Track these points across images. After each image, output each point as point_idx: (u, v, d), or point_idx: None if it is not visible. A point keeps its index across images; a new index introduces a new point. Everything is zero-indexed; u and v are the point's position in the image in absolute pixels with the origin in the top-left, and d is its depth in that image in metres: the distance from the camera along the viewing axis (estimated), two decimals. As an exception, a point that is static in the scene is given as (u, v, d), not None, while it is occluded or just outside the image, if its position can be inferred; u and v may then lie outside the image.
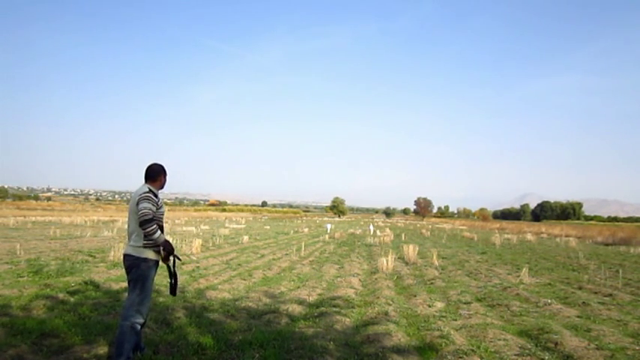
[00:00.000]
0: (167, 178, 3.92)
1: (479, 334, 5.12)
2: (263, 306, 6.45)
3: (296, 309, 6.22)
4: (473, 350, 4.49)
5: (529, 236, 30.39)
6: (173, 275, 3.87)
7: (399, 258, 13.45)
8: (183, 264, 10.11)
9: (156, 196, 3.77)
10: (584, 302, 7.21)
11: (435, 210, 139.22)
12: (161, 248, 3.73)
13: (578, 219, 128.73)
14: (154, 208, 3.66)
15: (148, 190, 3.72)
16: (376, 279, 9.46)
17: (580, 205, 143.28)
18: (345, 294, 7.54)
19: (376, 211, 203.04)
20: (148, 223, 3.56)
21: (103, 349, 4.05)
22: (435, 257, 13.01)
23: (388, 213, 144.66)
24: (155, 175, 3.86)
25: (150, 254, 3.67)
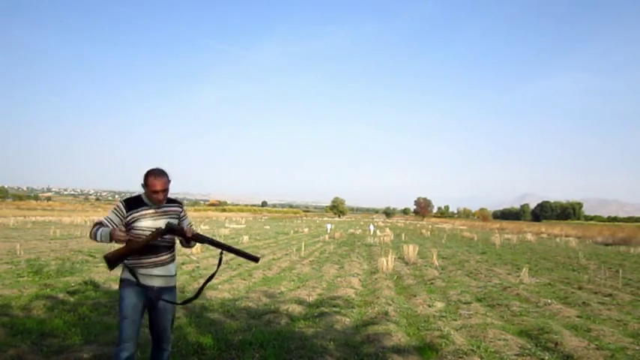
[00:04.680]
0: (154, 183, 2.97)
1: (479, 334, 5.12)
2: (263, 306, 6.44)
3: (296, 309, 6.21)
4: (473, 350, 4.49)
5: (529, 236, 30.39)
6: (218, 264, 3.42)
7: (399, 258, 13.45)
8: (182, 264, 10.10)
9: (136, 205, 3.02)
10: (584, 302, 7.21)
11: (435, 210, 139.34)
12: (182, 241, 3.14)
13: (578, 219, 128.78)
14: (116, 220, 3.00)
15: (124, 199, 3.12)
16: (376, 279, 9.46)
17: (580, 205, 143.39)
18: (345, 294, 7.54)
19: (376, 211, 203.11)
20: (91, 235, 3.00)
21: (103, 350, 4.04)
22: (435, 257, 13.01)
23: (388, 213, 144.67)
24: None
25: (124, 274, 3.07)
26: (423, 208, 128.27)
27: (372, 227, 31.91)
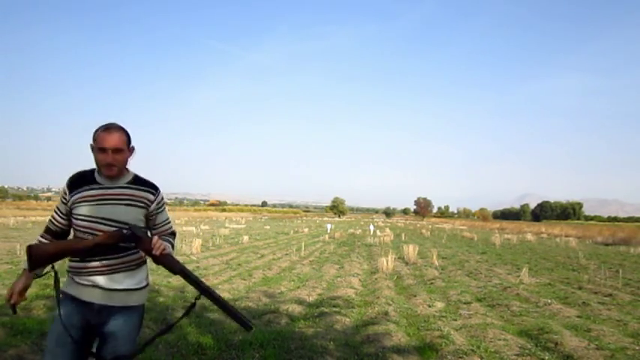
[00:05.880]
0: (102, 138, 1.94)
1: (479, 334, 5.12)
2: (263, 306, 6.44)
3: (296, 309, 6.21)
4: (473, 350, 4.49)
5: (529, 236, 30.39)
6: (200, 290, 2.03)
7: (399, 258, 13.45)
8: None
9: (82, 183, 2.01)
10: (584, 302, 7.21)
11: (435, 210, 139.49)
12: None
13: (578, 219, 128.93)
14: (63, 209, 2.06)
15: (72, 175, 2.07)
16: (376, 279, 9.46)
17: (580, 205, 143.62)
18: (345, 294, 7.54)
19: (376, 211, 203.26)
20: None
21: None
22: (435, 257, 13.01)
23: (388, 213, 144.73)
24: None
25: (66, 283, 2.09)
26: (423, 208, 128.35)
27: (372, 227, 31.89)
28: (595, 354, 4.39)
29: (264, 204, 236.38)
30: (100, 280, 1.98)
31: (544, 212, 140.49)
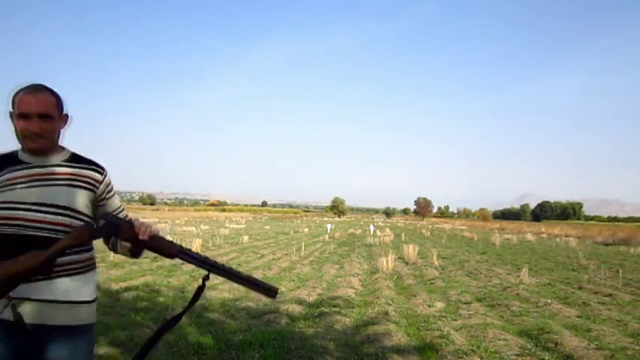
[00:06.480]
0: (25, 100, 1.47)
1: (479, 334, 5.12)
2: (263, 306, 6.44)
3: (296, 309, 6.21)
4: (473, 350, 4.49)
5: (529, 236, 30.40)
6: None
7: (399, 258, 13.44)
8: (183, 264, 10.10)
9: (3, 165, 1.52)
10: (584, 302, 7.21)
11: (435, 210, 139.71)
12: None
13: (578, 219, 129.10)
14: None
15: None
16: (376, 279, 9.46)
17: (580, 205, 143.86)
18: (345, 294, 7.54)
19: (376, 211, 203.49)
20: None
21: (102, 350, 4.04)
22: (435, 257, 13.01)
23: (388, 213, 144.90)
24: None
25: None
26: (423, 208, 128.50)
27: (372, 227, 31.87)
28: (595, 354, 4.39)
29: (264, 204, 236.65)
30: (37, 288, 1.37)
31: (544, 212, 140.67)
